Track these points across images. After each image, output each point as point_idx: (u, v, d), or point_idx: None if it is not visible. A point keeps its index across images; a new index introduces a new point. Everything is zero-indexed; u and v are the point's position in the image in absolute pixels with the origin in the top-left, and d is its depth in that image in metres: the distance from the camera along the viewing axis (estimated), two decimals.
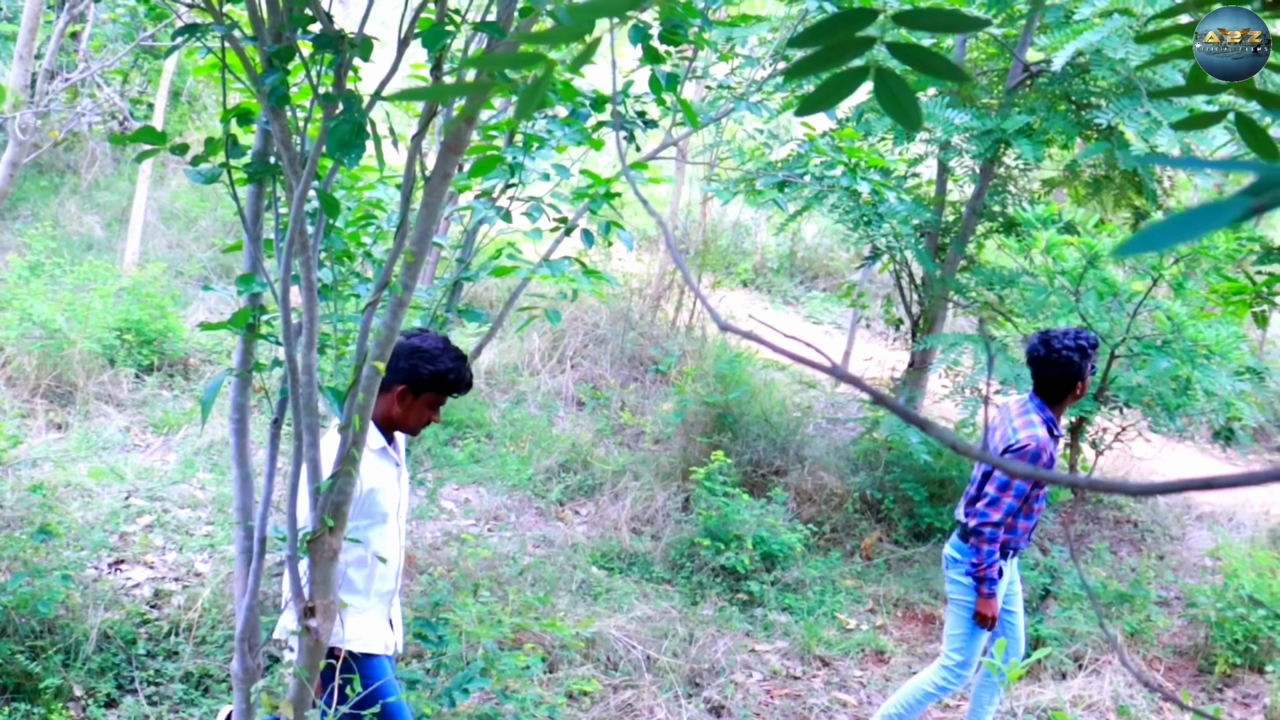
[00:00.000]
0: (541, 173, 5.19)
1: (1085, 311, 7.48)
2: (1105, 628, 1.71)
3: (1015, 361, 8.08)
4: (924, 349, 8.94)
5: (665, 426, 9.00)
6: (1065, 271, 7.53)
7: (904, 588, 7.61)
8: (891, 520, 8.41)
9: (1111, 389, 7.62)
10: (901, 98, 1.13)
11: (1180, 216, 0.66)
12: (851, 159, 6.39)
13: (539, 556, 7.03)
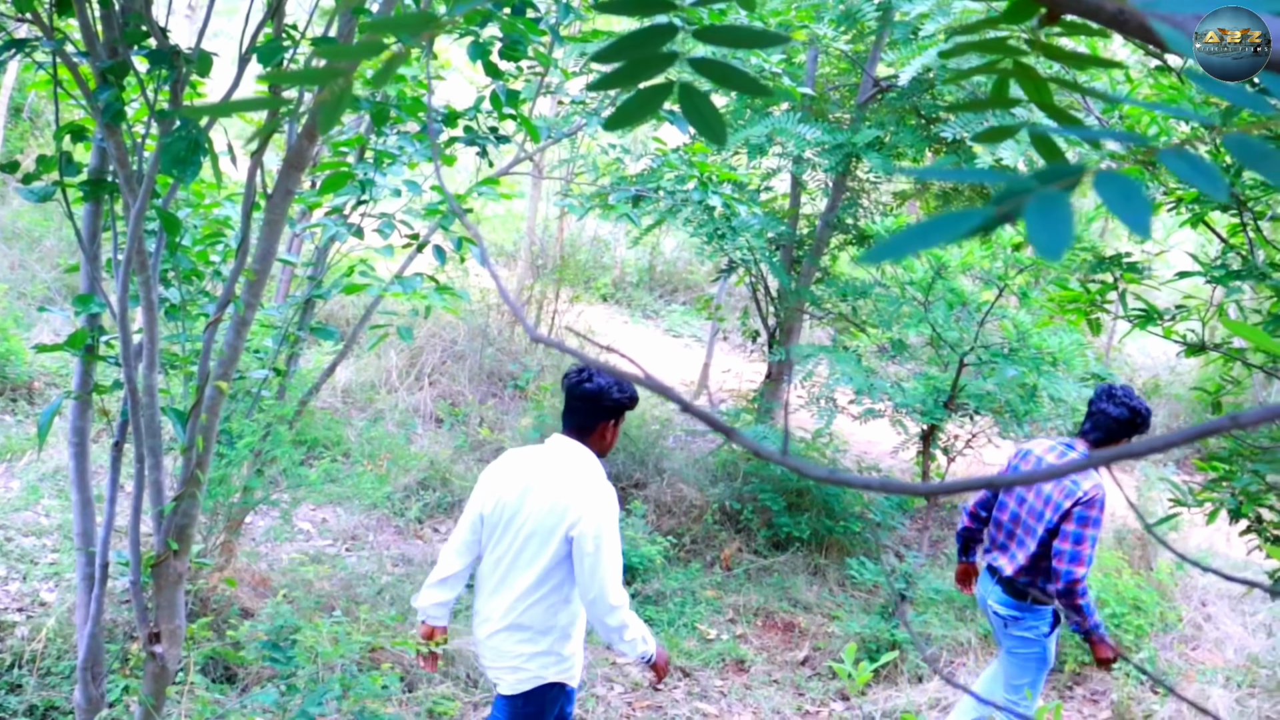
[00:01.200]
0: (393, 189, 5.14)
1: (935, 321, 7.63)
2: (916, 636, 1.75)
3: (870, 371, 8.22)
4: (780, 360, 9.04)
5: (524, 442, 8.98)
6: (915, 282, 7.68)
7: (763, 597, 7.68)
8: (750, 530, 8.48)
9: (961, 396, 7.78)
10: (706, 112, 1.15)
11: (925, 224, 0.68)
12: (704, 173, 6.45)
13: (397, 575, 6.96)
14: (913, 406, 7.82)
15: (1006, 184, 0.70)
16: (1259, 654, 8.08)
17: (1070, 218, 0.66)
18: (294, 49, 3.32)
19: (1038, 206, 0.66)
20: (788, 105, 8.37)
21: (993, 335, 8.01)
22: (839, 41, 8.40)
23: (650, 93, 1.14)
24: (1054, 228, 0.65)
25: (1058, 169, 0.72)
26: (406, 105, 4.83)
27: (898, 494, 0.82)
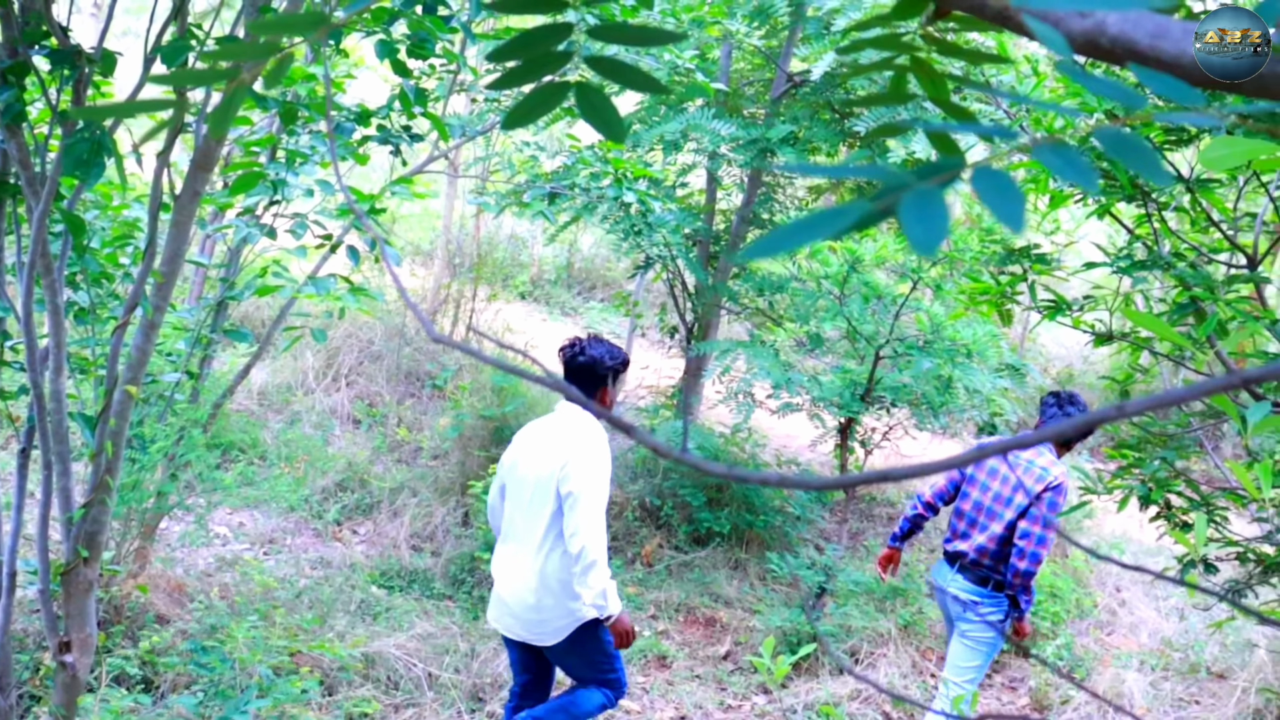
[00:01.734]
0: (306, 189, 5.10)
1: (850, 314, 7.69)
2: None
3: (788, 366, 8.25)
4: (699, 356, 9.07)
5: (443, 441, 8.93)
6: (830, 276, 7.73)
7: (685, 593, 7.69)
8: (671, 526, 8.49)
9: (878, 389, 7.84)
10: (603, 110, 1.15)
11: (802, 221, 0.68)
12: (619, 170, 6.45)
13: (316, 578, 6.90)
14: (830, 400, 7.88)
15: (885, 180, 0.70)
16: (1172, 637, 8.22)
17: (944, 213, 0.67)
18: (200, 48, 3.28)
19: (913, 203, 0.67)
20: (703, 101, 8.39)
21: (908, 328, 8.09)
22: (752, 37, 8.43)
23: (547, 91, 1.14)
24: (928, 223, 0.65)
25: (935, 165, 0.72)
26: (316, 104, 4.79)
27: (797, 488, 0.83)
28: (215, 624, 5.47)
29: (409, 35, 4.30)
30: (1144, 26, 0.82)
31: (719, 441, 8.75)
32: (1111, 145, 0.72)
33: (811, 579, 7.74)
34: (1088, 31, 0.84)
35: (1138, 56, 0.82)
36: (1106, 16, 0.83)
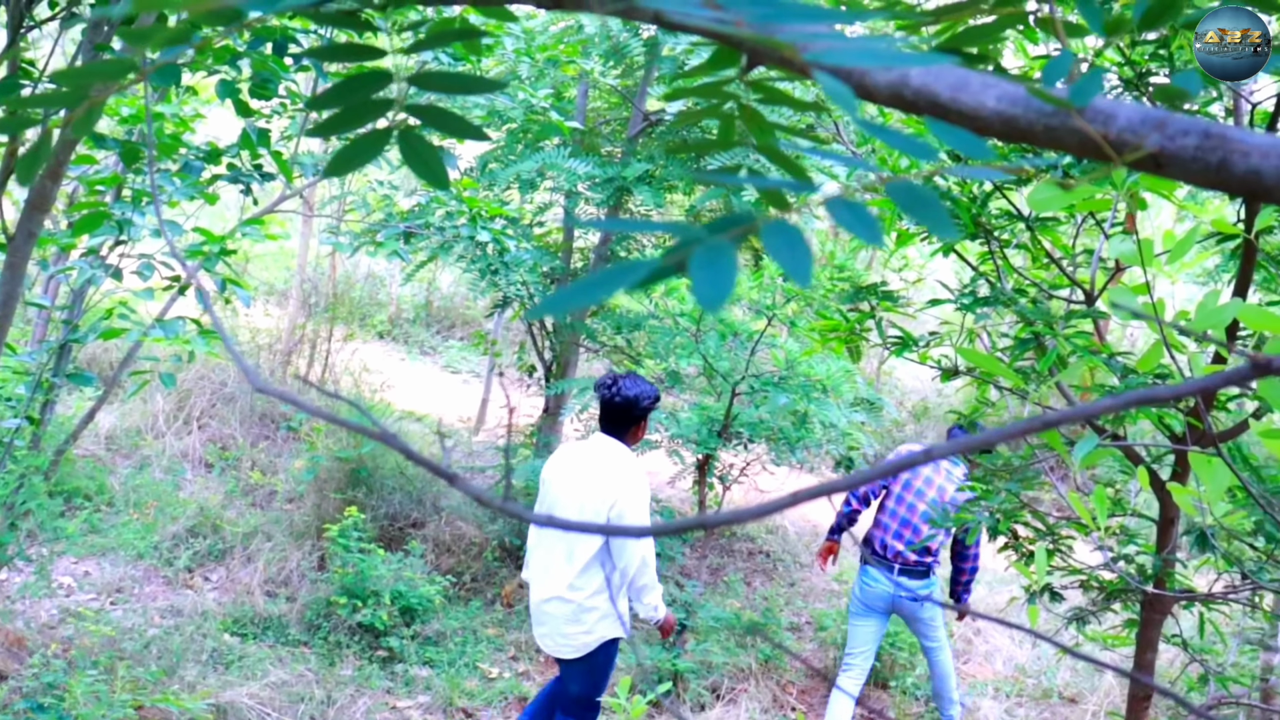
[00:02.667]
0: (153, 229, 5.00)
1: (707, 351, 7.74)
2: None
3: None
4: (557, 394, 9.05)
5: (297, 484, 8.78)
6: (686, 313, 7.78)
7: None
8: None
9: (735, 425, 7.89)
10: (427, 157, 1.14)
11: (595, 276, 0.68)
12: (473, 209, 6.43)
13: (165, 627, 6.73)
14: (688, 437, 7.91)
15: (680, 234, 0.71)
16: (1025, 664, 8.39)
17: (733, 268, 0.67)
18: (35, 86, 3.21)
19: (702, 257, 0.67)
20: (560, 140, 8.41)
21: (764, 364, 8.17)
22: (608, 76, 8.48)
23: (369, 138, 1.13)
24: (716, 279, 0.66)
25: (730, 219, 0.73)
26: (163, 144, 4.70)
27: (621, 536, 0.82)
28: (53, 680, 5.30)
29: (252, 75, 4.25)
30: (945, 79, 0.84)
31: None
32: (901, 198, 0.74)
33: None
34: (892, 84, 0.86)
35: (939, 109, 0.84)
36: (909, 70, 0.85)
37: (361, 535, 7.55)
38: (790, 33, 0.78)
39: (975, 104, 0.83)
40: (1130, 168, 0.79)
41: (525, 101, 7.37)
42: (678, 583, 8.59)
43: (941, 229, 0.72)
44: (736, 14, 0.77)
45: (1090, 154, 0.80)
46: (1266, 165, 0.75)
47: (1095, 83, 0.80)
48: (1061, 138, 0.81)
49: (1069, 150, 0.81)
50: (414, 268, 8.59)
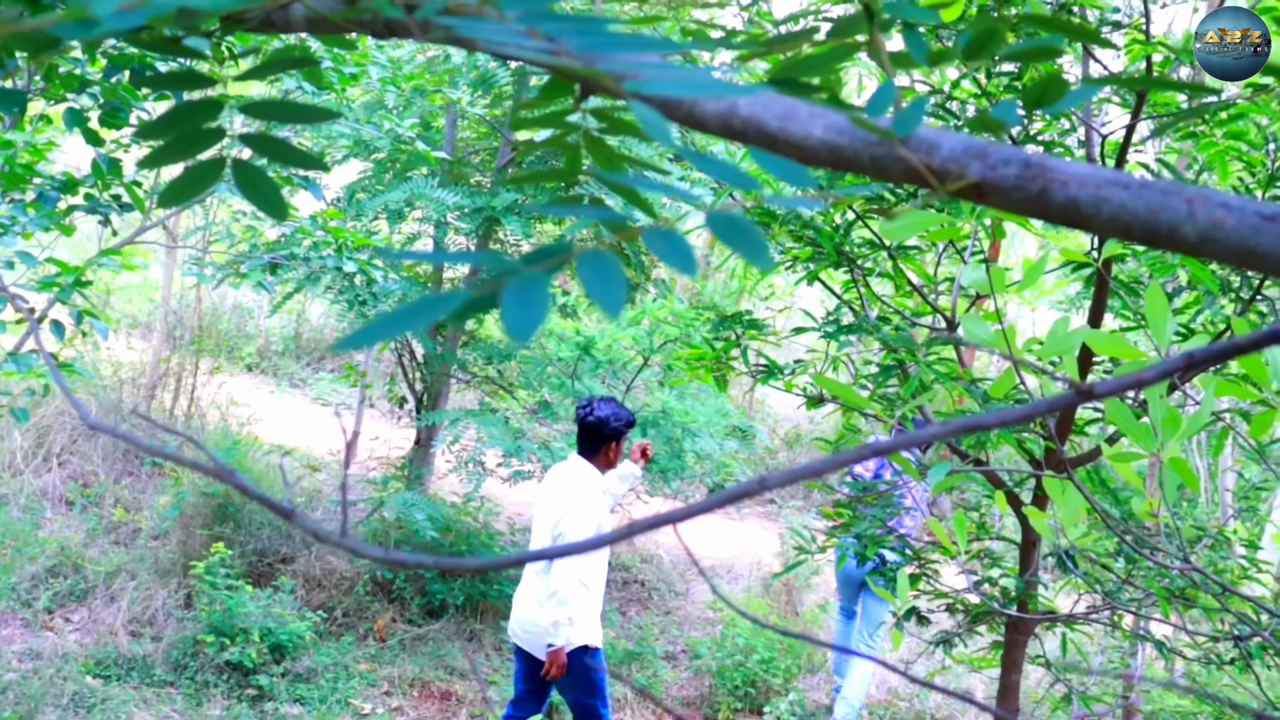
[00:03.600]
0: (6, 261, 4.87)
1: (580, 385, 7.73)
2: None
3: (519, 433, 8.24)
4: (428, 426, 8.97)
5: (162, 521, 8.57)
6: (561, 359, 7.77)
7: (419, 667, 7.57)
8: (404, 600, 8.35)
9: None
10: (262, 187, 1.11)
11: (408, 306, 0.67)
12: (339, 239, 6.36)
13: (24, 671, 6.53)
14: None
15: (495, 266, 0.70)
16: (898, 687, 8.48)
17: (545, 300, 0.67)
18: None
19: (515, 289, 0.66)
20: (428, 170, 8.35)
21: (639, 395, 8.18)
22: (476, 106, 8.45)
23: (201, 169, 1.11)
24: (527, 311, 0.65)
25: (547, 250, 0.72)
26: (11, 174, 4.57)
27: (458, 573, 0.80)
28: None
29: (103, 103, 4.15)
30: (773, 109, 0.84)
31: (450, 512, 8.65)
32: (720, 228, 0.73)
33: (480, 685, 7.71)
34: (721, 114, 0.86)
35: (768, 138, 0.84)
36: (738, 100, 0.85)
37: (229, 572, 7.40)
38: (614, 62, 0.77)
39: (803, 134, 0.83)
40: (954, 196, 0.80)
41: (392, 131, 7.31)
42: None
43: (757, 260, 0.72)
44: (559, 44, 0.77)
45: (915, 182, 0.80)
46: (1084, 194, 0.76)
47: (917, 113, 0.80)
48: (887, 167, 0.81)
49: (895, 179, 0.82)
50: (281, 299, 8.47)
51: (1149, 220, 0.75)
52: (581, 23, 0.82)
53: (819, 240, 4.13)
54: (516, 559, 0.95)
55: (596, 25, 0.81)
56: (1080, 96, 0.85)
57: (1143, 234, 0.75)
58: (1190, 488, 2.30)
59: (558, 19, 0.81)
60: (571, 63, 0.76)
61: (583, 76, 0.79)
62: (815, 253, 4.26)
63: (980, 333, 2.14)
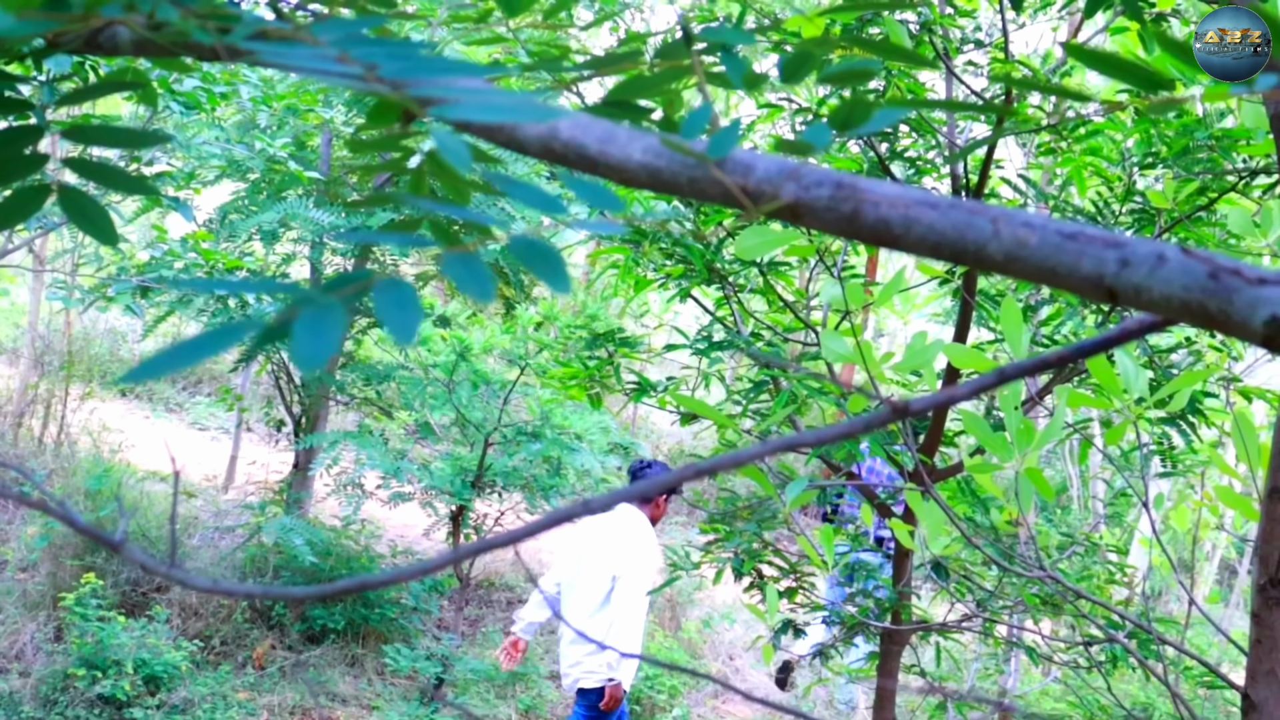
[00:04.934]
0: None
1: (459, 402, 7.69)
2: None
3: (400, 455, 8.16)
4: (307, 448, 8.86)
5: (30, 552, 8.35)
6: (438, 364, 7.72)
7: (299, 694, 7.46)
8: (284, 626, 8.22)
9: (489, 475, 7.85)
10: (90, 212, 1.09)
11: (196, 339, 0.66)
12: (210, 261, 6.27)
13: None
14: (441, 488, 7.82)
15: (293, 294, 0.69)
16: (783, 699, 8.52)
17: (338, 329, 0.66)
18: None
19: (308, 319, 0.66)
20: (303, 190, 8.26)
21: (518, 413, 8.14)
22: (351, 125, 8.38)
23: (26, 194, 1.08)
24: (316, 341, 0.65)
25: (347, 278, 0.72)
26: None
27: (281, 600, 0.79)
28: None
29: None
30: (593, 132, 0.85)
31: (330, 536, 8.54)
32: (520, 252, 0.74)
33: (427, 670, 7.64)
34: (542, 138, 0.86)
35: (589, 161, 0.84)
36: (559, 123, 0.85)
37: (101, 602, 7.23)
38: (429, 87, 0.77)
39: (622, 156, 0.83)
40: (770, 217, 0.80)
41: (264, 151, 7.22)
42: (435, 636, 8.47)
43: (556, 283, 0.72)
44: (369, 67, 0.76)
45: (731, 204, 0.81)
46: (894, 215, 0.77)
47: (731, 136, 0.81)
48: (704, 189, 0.82)
49: (713, 200, 0.82)
50: (153, 322, 8.31)
51: (956, 240, 0.76)
52: (398, 48, 0.81)
53: (690, 257, 4.15)
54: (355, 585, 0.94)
55: (412, 50, 0.80)
56: (886, 119, 0.86)
57: (951, 253, 0.77)
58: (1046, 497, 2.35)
59: (374, 44, 0.80)
60: (381, 88, 0.76)
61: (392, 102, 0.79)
62: (687, 270, 4.28)
63: (838, 348, 2.17)
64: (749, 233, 1.87)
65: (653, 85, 0.99)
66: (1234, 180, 3.81)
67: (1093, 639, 3.97)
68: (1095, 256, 0.73)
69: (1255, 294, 0.69)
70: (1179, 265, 0.71)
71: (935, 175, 4.61)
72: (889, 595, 4.28)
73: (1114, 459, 4.38)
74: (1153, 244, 0.72)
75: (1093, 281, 0.73)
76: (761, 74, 0.89)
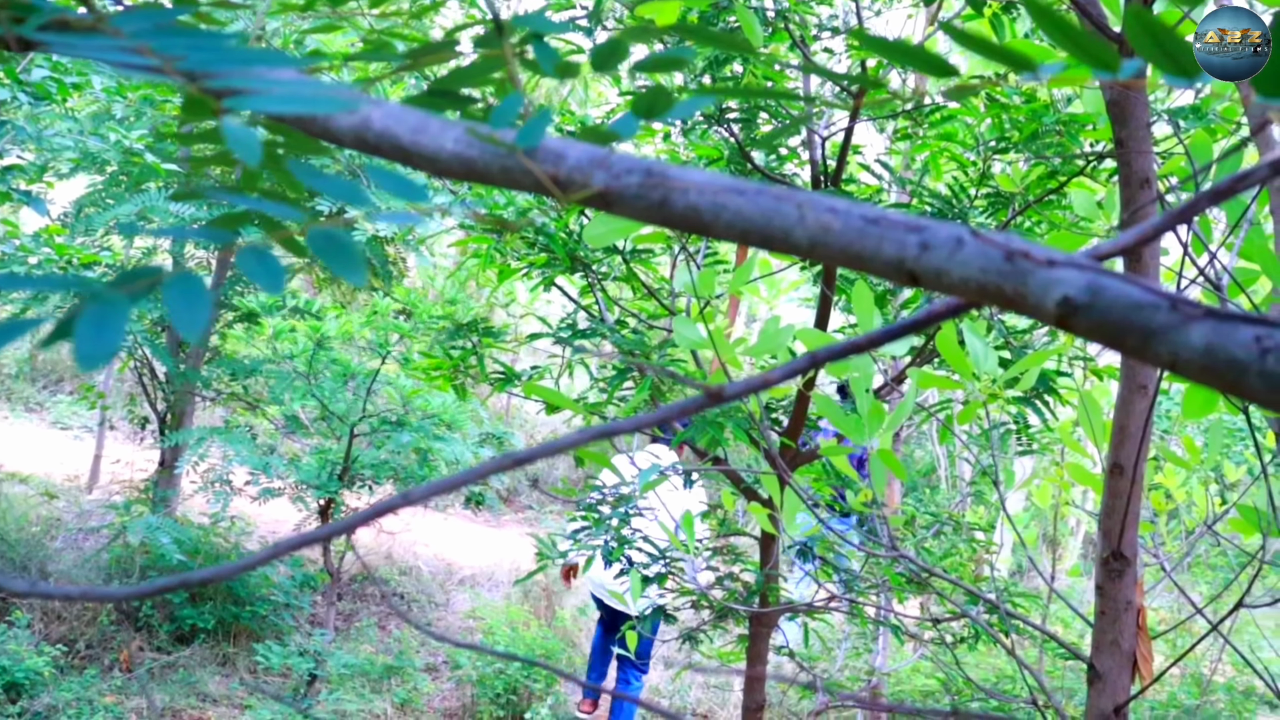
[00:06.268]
0: None
1: (322, 394, 7.60)
2: None
3: (269, 450, 8.05)
4: (173, 446, 8.69)
5: None
6: (295, 355, 7.62)
7: (170, 695, 7.33)
8: (152, 627, 8.07)
9: (356, 467, 7.77)
10: None
11: None
12: (62, 256, 6.12)
13: None
14: (309, 482, 7.73)
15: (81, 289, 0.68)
16: (659, 685, 8.58)
17: (120, 326, 0.65)
18: None
19: (90, 317, 0.65)
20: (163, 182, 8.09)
21: (383, 403, 8.07)
22: None
23: None
24: (98, 338, 0.64)
25: (137, 272, 0.71)
26: None
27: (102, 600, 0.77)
28: None
29: None
30: (406, 123, 0.84)
31: (198, 534, 8.40)
32: (318, 245, 0.73)
33: (300, 667, 7.55)
34: (355, 129, 0.85)
35: (402, 152, 0.84)
36: (372, 113, 0.84)
37: None
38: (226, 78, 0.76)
39: (435, 147, 0.83)
40: (583, 205, 0.80)
41: (119, 143, 7.06)
42: (307, 632, 8.38)
43: (352, 275, 0.71)
44: (169, 59, 0.75)
45: (543, 193, 0.81)
46: (703, 201, 0.77)
47: (541, 125, 0.81)
48: (517, 178, 0.81)
49: (525, 189, 0.82)
50: None
51: (764, 225, 0.77)
52: (206, 38, 0.80)
53: (552, 246, 4.15)
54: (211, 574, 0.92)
55: (220, 41, 0.79)
56: (689, 108, 0.87)
57: (760, 238, 0.77)
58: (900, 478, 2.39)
59: (179, 35, 0.79)
60: (177, 79, 0.75)
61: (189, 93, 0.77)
62: (550, 259, 4.27)
63: (691, 335, 2.18)
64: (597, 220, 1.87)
65: (475, 75, 0.99)
66: (1081, 164, 3.90)
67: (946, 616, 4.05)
68: (897, 241, 0.74)
69: (1047, 275, 0.70)
70: (976, 249, 0.72)
71: (796, 161, 4.65)
72: (757, 578, 4.32)
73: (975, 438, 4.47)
74: (952, 228, 0.74)
75: (894, 265, 0.74)
76: (574, 63, 0.89)
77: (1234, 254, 2.66)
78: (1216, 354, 0.66)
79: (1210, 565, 10.84)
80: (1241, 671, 8.86)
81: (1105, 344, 0.70)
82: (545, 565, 4.50)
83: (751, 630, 4.41)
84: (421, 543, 10.92)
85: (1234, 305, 2.50)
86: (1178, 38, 0.69)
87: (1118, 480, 2.31)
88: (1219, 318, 0.67)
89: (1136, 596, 2.35)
